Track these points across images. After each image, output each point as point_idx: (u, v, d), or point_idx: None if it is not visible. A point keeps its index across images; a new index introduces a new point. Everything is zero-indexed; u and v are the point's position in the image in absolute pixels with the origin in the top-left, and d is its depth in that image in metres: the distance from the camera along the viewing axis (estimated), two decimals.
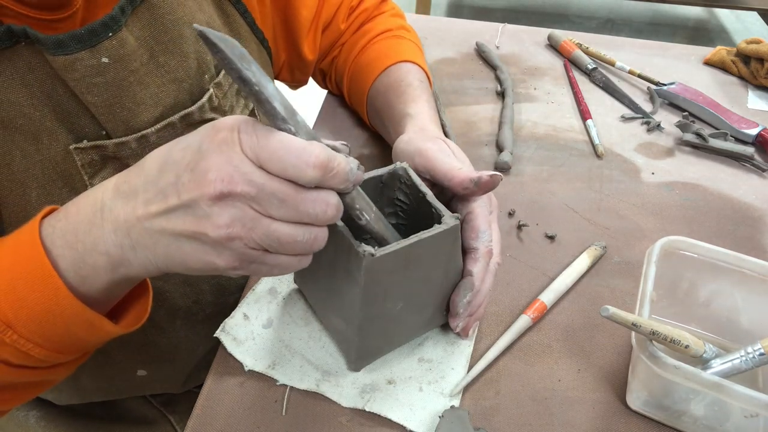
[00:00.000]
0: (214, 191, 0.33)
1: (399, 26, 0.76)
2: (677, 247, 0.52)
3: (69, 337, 0.39)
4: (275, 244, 0.35)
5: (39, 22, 0.44)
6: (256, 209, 0.34)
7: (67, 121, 0.48)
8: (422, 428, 0.48)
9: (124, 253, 0.37)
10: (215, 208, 0.34)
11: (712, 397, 0.45)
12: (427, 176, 0.52)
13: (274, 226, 0.35)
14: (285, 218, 0.35)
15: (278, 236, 0.35)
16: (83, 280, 0.38)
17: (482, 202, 0.51)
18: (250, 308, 0.55)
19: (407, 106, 0.63)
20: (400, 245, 0.44)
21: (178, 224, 0.35)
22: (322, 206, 0.35)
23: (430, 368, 0.52)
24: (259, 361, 0.51)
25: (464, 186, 0.49)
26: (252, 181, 0.34)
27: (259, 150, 0.34)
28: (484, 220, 0.50)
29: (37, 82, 0.46)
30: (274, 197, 0.34)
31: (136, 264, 0.37)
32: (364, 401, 0.49)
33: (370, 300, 0.45)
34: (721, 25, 3.05)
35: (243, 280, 0.68)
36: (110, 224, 0.37)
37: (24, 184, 0.48)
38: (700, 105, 0.84)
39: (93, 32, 0.45)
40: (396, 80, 0.68)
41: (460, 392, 0.50)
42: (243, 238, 0.34)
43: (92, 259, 0.37)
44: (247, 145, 0.34)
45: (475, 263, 0.49)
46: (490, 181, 0.48)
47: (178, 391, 0.74)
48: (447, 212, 0.47)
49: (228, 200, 0.34)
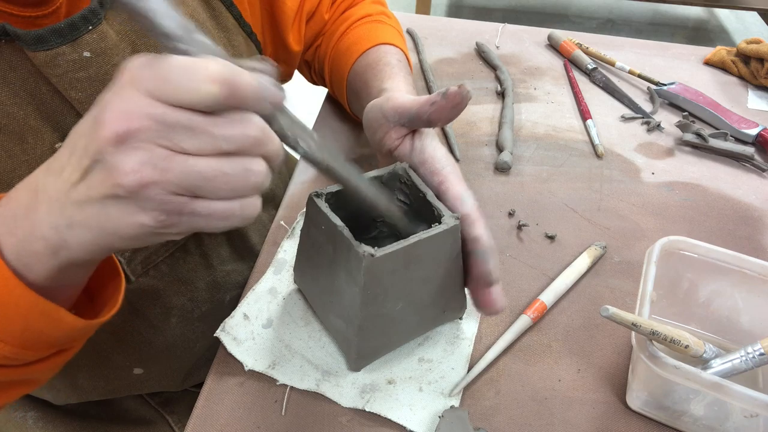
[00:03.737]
0: (110, 134, 0.30)
1: (379, 12, 0.76)
2: (677, 247, 0.52)
3: (30, 331, 0.37)
4: (201, 182, 0.31)
5: (21, 19, 0.44)
6: (165, 146, 0.30)
7: (52, 120, 0.48)
8: (422, 428, 0.48)
9: (60, 234, 0.34)
10: (119, 155, 0.30)
11: (712, 397, 0.45)
12: (396, 117, 0.51)
13: (191, 161, 0.31)
14: (202, 150, 0.31)
15: (199, 172, 0.31)
16: (27, 267, 0.36)
17: (452, 167, 0.50)
18: (250, 308, 0.55)
19: (383, 83, 0.61)
20: (400, 245, 0.44)
21: (95, 185, 0.32)
22: (239, 128, 0.31)
23: (430, 368, 0.52)
24: (259, 361, 0.51)
25: (431, 101, 0.47)
26: (149, 114, 0.30)
27: (151, 80, 0.30)
28: (460, 184, 0.49)
29: (20, 81, 0.45)
30: (180, 128, 0.30)
31: (75, 245, 0.35)
32: (364, 401, 0.49)
33: (370, 300, 0.45)
34: (721, 25, 3.04)
35: (239, 278, 0.68)
36: (44, 206, 0.34)
37: (10, 185, 0.46)
38: (700, 105, 0.84)
39: (73, 26, 0.44)
40: (374, 60, 0.67)
41: (460, 392, 0.50)
42: (158, 182, 0.31)
43: (32, 245, 0.35)
44: (141, 80, 0.30)
45: (474, 225, 0.47)
46: (458, 91, 0.46)
47: (177, 389, 0.74)
48: (447, 212, 0.47)
49: (129, 142, 0.30)
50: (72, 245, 0.35)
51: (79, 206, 0.33)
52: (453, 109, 0.48)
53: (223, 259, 0.66)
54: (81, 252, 0.35)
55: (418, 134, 0.52)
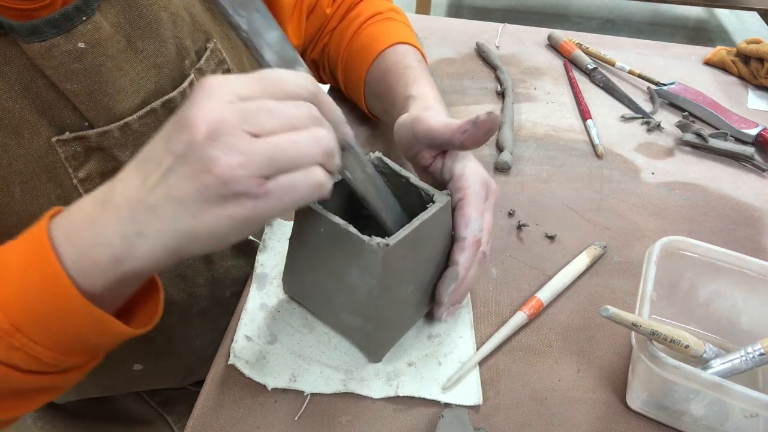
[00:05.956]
0: (204, 128, 0.33)
1: (389, 8, 0.75)
2: (677, 247, 0.52)
3: (78, 338, 0.38)
4: (279, 154, 0.35)
5: (15, 11, 0.44)
6: (249, 131, 0.34)
7: (48, 113, 0.47)
8: (455, 399, 0.49)
9: (129, 243, 0.35)
10: (209, 149, 0.33)
11: (712, 397, 0.45)
12: (427, 140, 0.52)
13: (270, 139, 0.35)
14: (278, 128, 0.35)
15: (276, 144, 0.35)
16: (86, 276, 0.36)
17: (476, 190, 0.50)
18: (248, 328, 0.54)
19: (408, 88, 0.62)
20: (408, 230, 0.45)
21: (178, 184, 0.34)
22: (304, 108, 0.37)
23: (441, 342, 0.54)
24: (279, 378, 0.50)
25: (463, 129, 0.49)
26: (234, 107, 0.34)
27: (241, 85, 0.35)
28: (476, 208, 0.50)
29: (14, 74, 0.45)
30: (260, 111, 0.35)
31: (143, 253, 0.36)
32: (393, 388, 0.50)
33: (386, 289, 0.46)
34: (721, 25, 3.05)
35: (239, 274, 0.68)
36: (112, 215, 0.36)
37: (7, 179, 0.47)
38: (700, 105, 0.84)
39: (67, 16, 0.44)
40: (394, 63, 0.67)
41: (476, 365, 0.52)
42: (245, 163, 0.33)
43: (94, 255, 0.36)
44: (229, 86, 0.35)
45: (461, 252, 0.50)
46: (488, 119, 0.48)
47: (177, 386, 0.73)
48: (435, 191, 0.49)
49: (218, 134, 0.33)
50: (139, 254, 0.36)
51: (155, 210, 0.35)
52: (484, 135, 0.49)
53: (222, 255, 0.66)
54: (147, 261, 0.36)
55: (449, 153, 0.53)
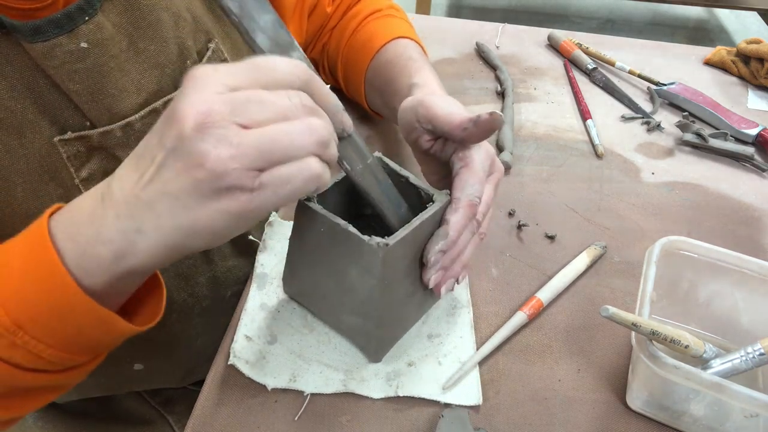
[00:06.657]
0: (192, 122, 0.32)
1: (388, 6, 0.76)
2: (677, 247, 0.52)
3: (80, 336, 0.38)
4: (271, 146, 0.34)
5: (18, 11, 0.44)
6: (239, 122, 0.33)
7: (50, 113, 0.48)
8: (455, 399, 0.49)
9: (129, 239, 0.35)
10: (201, 141, 0.32)
11: (712, 397, 0.45)
12: (429, 126, 0.51)
13: (261, 130, 0.34)
14: (270, 119, 0.34)
15: (268, 135, 0.34)
16: (87, 273, 0.36)
17: (480, 159, 0.50)
18: (248, 329, 0.54)
19: (412, 77, 0.61)
20: (407, 229, 0.45)
21: (171, 178, 0.33)
22: (296, 98, 0.36)
23: (441, 342, 0.54)
24: (279, 378, 0.51)
25: (463, 126, 0.48)
26: (223, 98, 0.33)
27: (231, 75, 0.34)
28: (475, 174, 0.49)
29: (17, 74, 0.45)
30: (250, 102, 0.34)
31: (143, 249, 0.36)
32: (393, 388, 0.50)
33: (386, 289, 0.46)
34: (721, 25, 3.05)
35: (240, 274, 0.68)
36: (112, 210, 0.35)
37: (9, 179, 0.47)
38: (700, 105, 0.84)
39: (69, 16, 0.44)
40: (395, 55, 0.67)
41: (476, 365, 0.52)
42: (236, 155, 0.33)
43: (95, 251, 0.36)
44: (208, 77, 0.34)
45: (454, 213, 0.48)
46: (490, 119, 0.47)
47: (177, 385, 0.73)
48: (435, 191, 0.49)
49: (210, 126, 0.32)
50: (139, 250, 0.36)
51: (151, 206, 0.34)
52: (484, 134, 0.49)
53: (223, 254, 0.66)
54: (147, 257, 0.36)
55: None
